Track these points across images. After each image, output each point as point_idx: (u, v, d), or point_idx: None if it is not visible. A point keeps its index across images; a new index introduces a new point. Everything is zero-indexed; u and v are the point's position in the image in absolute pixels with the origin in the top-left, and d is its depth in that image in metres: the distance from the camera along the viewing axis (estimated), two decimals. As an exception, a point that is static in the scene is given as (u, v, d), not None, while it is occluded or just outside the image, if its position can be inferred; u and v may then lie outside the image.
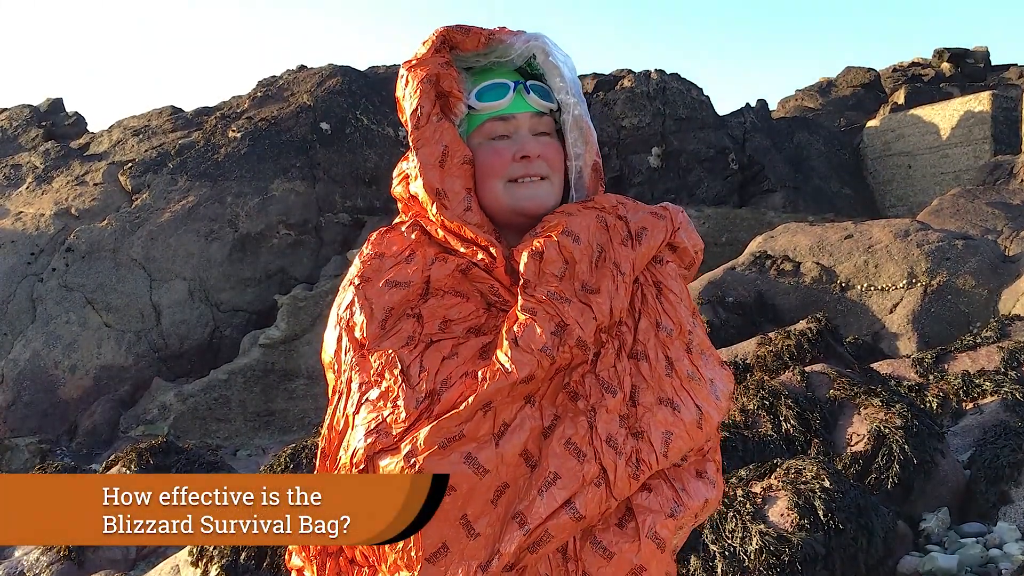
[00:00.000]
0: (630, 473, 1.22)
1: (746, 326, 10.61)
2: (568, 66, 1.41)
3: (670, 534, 1.24)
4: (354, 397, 1.27)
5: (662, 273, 1.38)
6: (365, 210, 18.37)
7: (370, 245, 1.39)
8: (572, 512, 1.19)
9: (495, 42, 1.39)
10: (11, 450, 14.06)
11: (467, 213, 1.33)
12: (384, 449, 1.20)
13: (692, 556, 3.92)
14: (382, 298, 1.30)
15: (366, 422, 1.23)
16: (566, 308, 1.26)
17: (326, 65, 20.91)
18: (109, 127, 21.02)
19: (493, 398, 1.20)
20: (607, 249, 1.33)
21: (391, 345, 1.27)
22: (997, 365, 6.53)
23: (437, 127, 1.34)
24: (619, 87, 21.47)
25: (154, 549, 6.24)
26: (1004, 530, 4.37)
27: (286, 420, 14.65)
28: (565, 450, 1.21)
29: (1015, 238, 12.61)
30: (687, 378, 1.31)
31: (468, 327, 1.30)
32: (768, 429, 4.95)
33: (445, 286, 1.32)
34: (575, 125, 1.40)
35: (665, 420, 1.26)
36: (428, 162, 1.34)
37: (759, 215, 18.70)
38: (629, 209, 1.39)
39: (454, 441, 1.18)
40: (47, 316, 15.71)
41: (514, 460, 1.20)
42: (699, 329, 1.39)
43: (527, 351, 1.22)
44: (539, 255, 1.29)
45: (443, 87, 1.36)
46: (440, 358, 1.25)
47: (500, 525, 1.18)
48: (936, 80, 26.18)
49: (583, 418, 1.24)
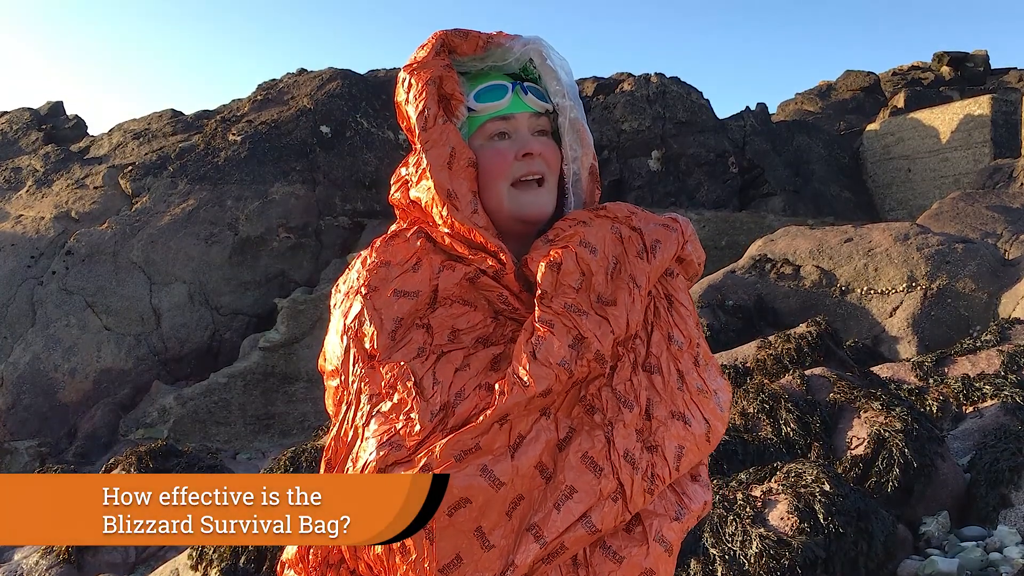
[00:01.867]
0: (645, 487, 1.22)
1: (746, 329, 10.62)
2: (565, 69, 1.41)
3: (676, 537, 1.25)
4: (364, 409, 1.26)
5: (673, 286, 1.39)
6: (365, 213, 18.38)
7: (375, 253, 1.37)
8: (588, 526, 1.19)
9: (493, 46, 1.39)
10: (11, 453, 14.05)
11: (475, 216, 1.33)
12: (398, 462, 1.19)
13: (692, 560, 3.92)
14: (391, 308, 1.29)
15: (378, 435, 1.22)
16: (583, 321, 1.26)
17: (326, 68, 20.94)
18: (109, 130, 21.04)
19: (510, 411, 1.20)
20: (622, 261, 1.33)
21: (402, 357, 1.26)
22: (997, 369, 6.52)
23: (443, 129, 1.34)
24: (619, 90, 21.49)
25: (154, 552, 6.23)
26: (1004, 534, 4.36)
27: (286, 423, 14.64)
28: (582, 464, 1.21)
29: (1015, 241, 12.61)
30: (697, 391, 1.31)
31: (477, 337, 1.29)
32: (768, 432, 4.95)
33: (453, 295, 1.31)
34: (572, 128, 1.40)
35: (678, 434, 1.27)
36: (438, 163, 1.33)
37: (759, 219, 18.70)
38: (641, 220, 1.38)
39: (470, 454, 1.17)
40: (47, 319, 15.71)
41: (529, 472, 1.20)
42: (703, 340, 1.39)
43: (545, 365, 1.21)
44: (557, 266, 1.28)
45: (445, 90, 1.35)
46: (452, 370, 1.24)
47: (515, 537, 1.18)
48: (936, 84, 26.22)
49: (600, 432, 1.24)
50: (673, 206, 19.18)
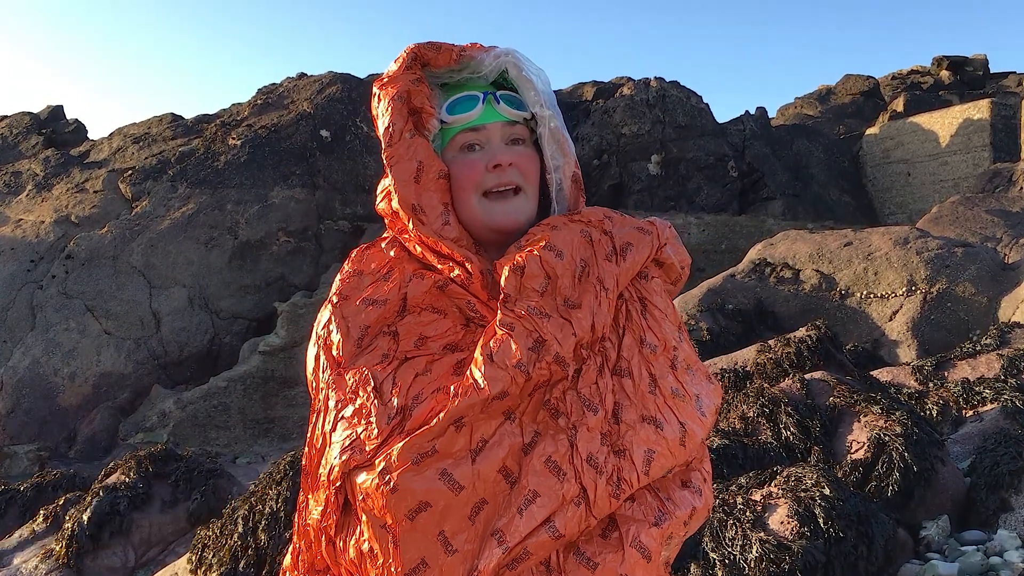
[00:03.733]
0: (610, 492, 1.21)
1: (746, 333, 10.61)
2: (541, 79, 1.41)
3: (655, 543, 1.23)
4: (331, 415, 1.27)
5: (647, 289, 1.38)
6: (365, 217, 18.39)
7: (350, 262, 1.40)
8: (551, 530, 1.18)
9: (467, 58, 1.40)
10: (10, 457, 14.04)
11: (445, 228, 1.33)
12: (359, 466, 1.21)
13: (692, 564, 3.91)
14: (359, 316, 1.31)
15: (341, 439, 1.23)
16: (545, 323, 1.25)
17: (326, 72, 20.96)
18: (109, 134, 21.06)
19: (464, 413, 1.19)
20: (591, 264, 1.32)
21: (366, 363, 1.27)
22: (997, 372, 6.52)
23: (411, 143, 1.34)
24: (618, 95, 21.50)
25: (153, 557, 6.22)
26: (1004, 538, 4.36)
27: (285, 427, 14.63)
28: (545, 468, 1.20)
29: (1014, 245, 12.61)
30: (671, 395, 1.30)
31: (445, 344, 1.29)
32: (768, 436, 4.95)
33: (422, 303, 1.31)
34: (551, 137, 1.40)
35: (648, 438, 1.25)
36: (403, 178, 1.34)
37: (758, 222, 18.71)
38: (616, 224, 1.38)
39: (427, 457, 1.17)
40: (47, 323, 15.71)
41: (492, 476, 1.19)
42: (685, 344, 1.38)
43: (501, 367, 1.21)
44: (520, 269, 1.28)
45: (414, 104, 1.36)
46: (413, 374, 1.25)
47: (479, 542, 1.18)
48: (935, 88, 26.26)
49: (563, 436, 1.23)
50: (673, 210, 19.19)
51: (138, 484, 6.48)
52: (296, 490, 5.05)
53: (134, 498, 6.37)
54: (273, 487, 5.16)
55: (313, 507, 1.31)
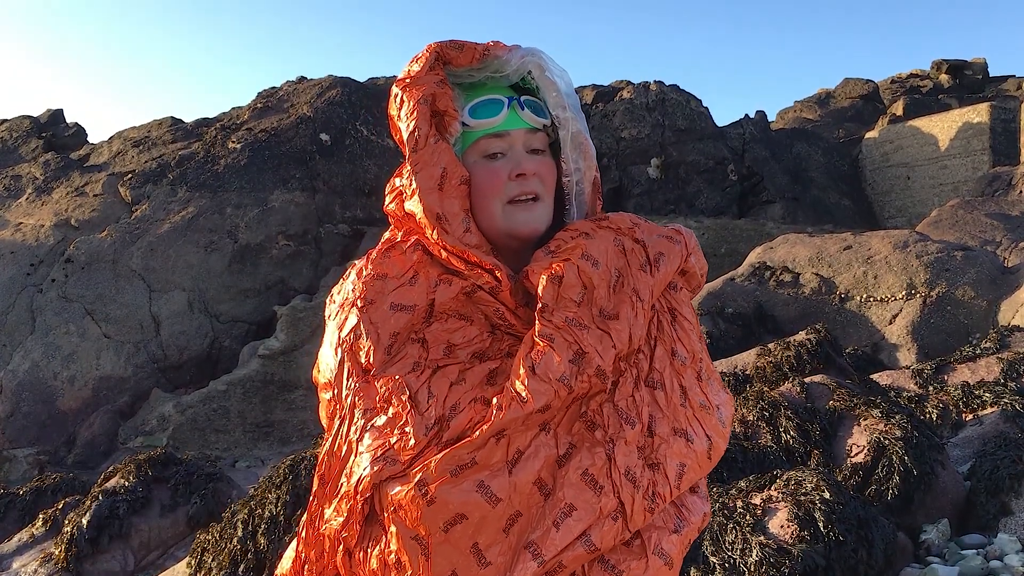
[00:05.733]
0: (646, 506, 1.21)
1: (745, 337, 10.62)
2: (565, 81, 1.39)
3: (676, 549, 1.23)
4: (358, 423, 1.24)
5: (676, 300, 1.37)
6: (365, 221, 18.39)
7: (371, 264, 1.35)
8: (587, 544, 1.17)
9: (490, 57, 1.37)
10: (9, 461, 14.03)
11: (467, 235, 1.31)
12: (392, 477, 1.18)
13: (692, 568, 3.91)
14: (387, 323, 1.28)
15: (372, 449, 1.20)
16: (585, 335, 1.24)
17: (326, 76, 20.98)
18: (109, 138, 21.08)
19: (507, 427, 1.18)
20: (625, 274, 1.31)
21: (397, 371, 1.24)
22: (997, 376, 6.53)
23: (435, 149, 1.32)
24: (618, 98, 21.52)
25: (152, 560, 6.22)
26: (1004, 542, 4.35)
27: (285, 431, 14.62)
28: (582, 481, 1.19)
29: (1014, 249, 12.62)
30: (699, 407, 1.29)
31: (473, 352, 1.27)
32: (768, 440, 4.94)
33: (449, 309, 1.29)
34: (574, 142, 1.38)
35: (680, 451, 1.25)
36: (427, 186, 1.31)
37: (758, 226, 18.72)
38: (644, 232, 1.36)
39: (466, 468, 1.16)
40: (46, 327, 15.70)
41: (527, 489, 1.18)
42: (705, 354, 1.38)
43: (544, 380, 1.19)
44: (559, 279, 1.26)
45: (438, 106, 1.33)
46: (448, 384, 1.23)
47: (512, 554, 1.16)
48: (934, 91, 26.28)
49: (601, 449, 1.22)
50: (672, 214, 19.20)
51: (137, 488, 6.48)
52: (296, 494, 5.05)
53: (133, 502, 6.37)
54: (272, 491, 5.15)
55: (332, 516, 1.27)
